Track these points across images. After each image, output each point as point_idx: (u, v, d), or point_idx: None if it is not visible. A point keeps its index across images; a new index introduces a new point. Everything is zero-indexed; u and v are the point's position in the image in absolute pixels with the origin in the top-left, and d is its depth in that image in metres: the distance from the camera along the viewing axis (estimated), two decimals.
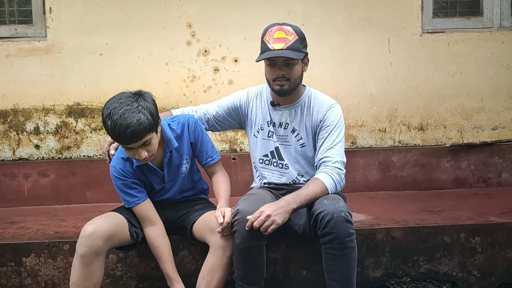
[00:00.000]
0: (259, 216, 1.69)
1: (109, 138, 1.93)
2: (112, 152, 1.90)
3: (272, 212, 1.69)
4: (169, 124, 1.91)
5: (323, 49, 3.04)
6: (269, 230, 1.69)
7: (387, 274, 2.10)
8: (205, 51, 3.04)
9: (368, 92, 3.10)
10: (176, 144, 1.88)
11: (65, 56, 2.98)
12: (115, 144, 1.90)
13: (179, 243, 2.03)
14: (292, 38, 1.85)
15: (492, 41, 3.11)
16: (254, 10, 3.00)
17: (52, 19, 2.96)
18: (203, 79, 3.05)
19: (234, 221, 1.75)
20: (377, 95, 3.10)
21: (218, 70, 3.05)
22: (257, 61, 1.89)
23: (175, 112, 2.11)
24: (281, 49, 1.84)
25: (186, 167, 1.94)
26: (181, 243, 2.02)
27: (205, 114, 2.10)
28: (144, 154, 1.72)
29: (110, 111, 1.66)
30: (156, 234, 1.87)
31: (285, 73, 1.88)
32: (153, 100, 1.75)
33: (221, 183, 1.96)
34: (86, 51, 2.98)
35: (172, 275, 1.85)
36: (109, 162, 1.91)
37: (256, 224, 1.68)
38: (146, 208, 1.86)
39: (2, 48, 2.96)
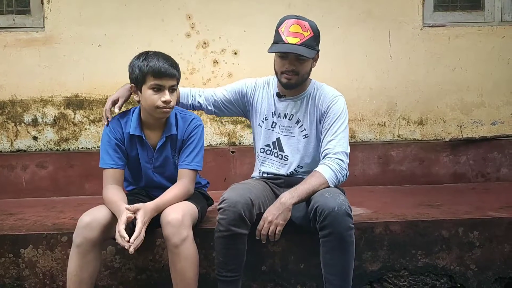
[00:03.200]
0: (263, 224, 1.77)
1: (113, 96, 1.96)
2: (116, 110, 1.93)
3: (272, 217, 1.77)
4: (176, 114, 1.96)
5: (323, 42, 2.96)
6: (277, 233, 1.77)
7: (384, 268, 2.11)
8: (205, 43, 3.02)
9: (368, 86, 3.09)
10: (174, 132, 1.92)
11: (63, 47, 2.96)
12: (120, 102, 1.94)
13: None
14: (308, 34, 1.85)
15: (493, 35, 3.10)
16: (254, 2, 2.98)
17: (50, 10, 2.94)
18: (202, 71, 3.03)
19: (220, 208, 1.76)
20: (377, 89, 3.10)
21: (217, 62, 3.04)
22: (270, 52, 1.88)
23: (181, 91, 2.11)
24: (295, 44, 1.83)
25: (177, 161, 1.97)
26: None
27: (212, 96, 2.13)
28: (170, 97, 1.79)
29: (148, 51, 1.83)
30: (119, 194, 1.83)
31: (294, 67, 1.88)
32: None
33: (174, 189, 1.87)
34: (85, 42, 2.96)
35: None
36: (107, 123, 1.93)
37: (263, 232, 1.78)
38: (116, 176, 1.89)
39: (0, 38, 2.94)
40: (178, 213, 1.75)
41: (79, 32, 2.95)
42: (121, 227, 1.67)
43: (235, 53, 3.03)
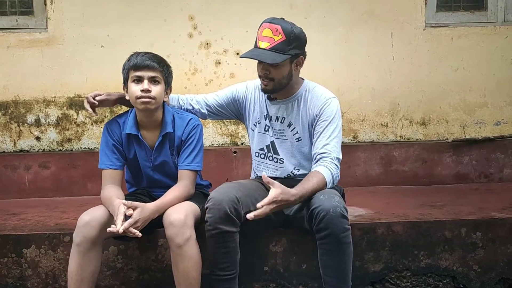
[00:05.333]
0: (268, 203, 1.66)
1: (91, 93, 1.96)
2: (89, 108, 1.93)
3: (282, 201, 1.66)
4: (173, 113, 1.96)
5: (325, 43, 3.02)
6: (255, 214, 1.66)
7: (387, 268, 2.10)
8: (207, 43, 3.02)
9: (370, 86, 3.09)
10: (170, 130, 1.93)
11: (66, 47, 2.97)
12: (102, 97, 1.95)
13: None
14: (279, 38, 1.80)
15: (496, 35, 3.09)
16: (256, 3, 2.98)
17: (53, 10, 2.95)
18: (204, 72, 3.04)
19: (206, 208, 1.76)
20: (379, 90, 3.09)
21: (219, 63, 3.04)
22: (240, 57, 1.87)
23: (170, 96, 2.06)
24: (264, 49, 1.81)
25: (176, 159, 1.97)
26: None
27: (204, 100, 2.11)
28: (149, 87, 1.82)
29: (135, 52, 1.90)
30: (115, 191, 1.84)
31: (268, 72, 1.85)
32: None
33: (175, 190, 1.87)
34: (87, 43, 2.97)
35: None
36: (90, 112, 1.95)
37: (257, 206, 1.66)
38: (114, 177, 1.90)
39: (3, 39, 2.95)
40: (180, 213, 1.75)
41: (82, 32, 2.96)
42: (119, 218, 1.67)
43: (237, 54, 3.03)
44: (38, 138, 3.03)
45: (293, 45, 1.82)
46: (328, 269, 1.75)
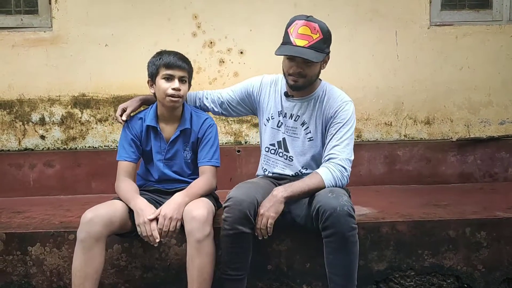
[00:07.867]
0: (257, 218, 1.77)
1: (123, 104, 2.07)
2: (123, 118, 2.03)
3: (264, 210, 1.76)
4: (191, 111, 2.07)
5: None
6: (269, 226, 1.76)
7: (391, 268, 2.10)
8: (211, 42, 3.03)
9: (375, 85, 3.08)
10: (188, 126, 2.02)
11: (70, 46, 2.98)
12: (128, 111, 2.05)
13: None
14: (317, 36, 1.81)
15: (501, 34, 3.07)
16: (260, 2, 2.98)
17: (58, 10, 2.96)
18: (208, 71, 3.04)
19: (225, 207, 1.77)
20: (383, 88, 3.08)
21: (223, 62, 3.04)
22: (276, 54, 1.84)
23: (189, 96, 2.15)
24: (303, 47, 1.79)
25: (187, 155, 2.04)
26: None
27: (219, 98, 2.15)
28: (179, 86, 1.93)
29: (163, 50, 2.01)
30: (130, 183, 1.96)
31: (301, 70, 1.86)
32: None
33: (199, 181, 1.98)
34: (92, 42, 2.98)
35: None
36: (122, 123, 2.06)
37: (257, 226, 1.77)
38: (128, 169, 1.99)
39: (8, 38, 2.97)
40: (203, 209, 1.80)
41: (86, 31, 2.97)
42: (153, 233, 1.80)
43: (241, 53, 3.03)
44: (42, 137, 3.04)
45: (327, 43, 1.88)
46: (335, 268, 1.76)
